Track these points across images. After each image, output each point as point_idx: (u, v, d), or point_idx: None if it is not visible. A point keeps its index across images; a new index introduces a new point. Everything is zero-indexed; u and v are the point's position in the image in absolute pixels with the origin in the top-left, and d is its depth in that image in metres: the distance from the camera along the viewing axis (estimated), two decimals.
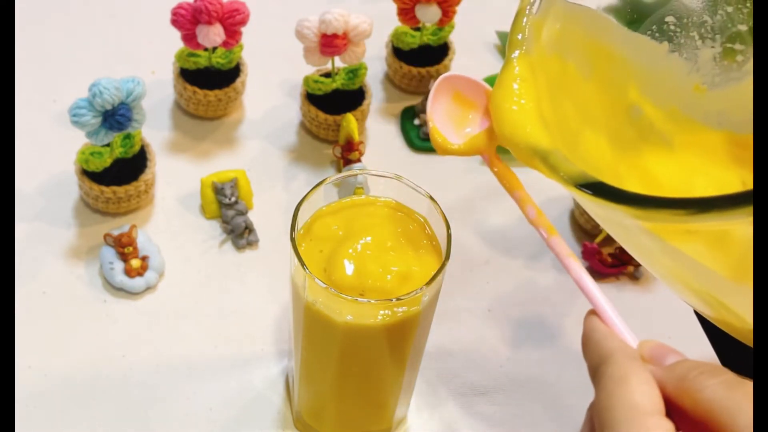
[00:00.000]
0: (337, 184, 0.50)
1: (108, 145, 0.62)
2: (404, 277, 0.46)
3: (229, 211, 0.65)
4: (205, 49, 0.68)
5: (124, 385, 0.58)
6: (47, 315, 0.60)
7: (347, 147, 0.68)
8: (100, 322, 0.60)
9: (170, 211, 0.67)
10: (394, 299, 0.45)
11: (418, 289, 0.45)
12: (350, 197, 0.50)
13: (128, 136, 0.63)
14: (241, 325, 0.61)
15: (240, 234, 0.64)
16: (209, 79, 0.70)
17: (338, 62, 0.68)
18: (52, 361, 0.58)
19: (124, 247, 0.62)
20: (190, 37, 0.66)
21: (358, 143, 0.67)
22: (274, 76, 0.75)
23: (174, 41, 0.68)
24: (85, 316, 0.61)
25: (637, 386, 0.35)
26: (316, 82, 0.69)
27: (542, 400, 0.60)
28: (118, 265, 0.61)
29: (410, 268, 0.47)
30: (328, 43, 0.65)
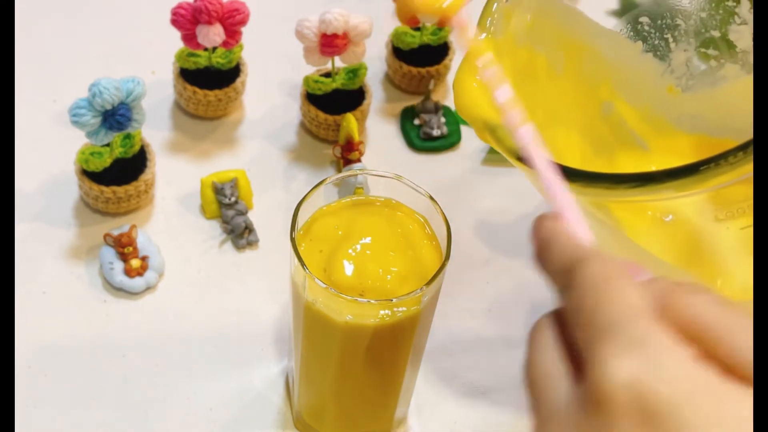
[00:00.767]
0: (337, 184, 0.50)
1: (108, 145, 0.62)
2: (404, 277, 0.46)
3: (229, 211, 0.65)
4: (205, 49, 0.68)
5: (124, 385, 0.58)
6: (47, 315, 0.60)
7: (347, 147, 0.68)
8: (100, 322, 0.60)
9: (170, 211, 0.67)
10: (394, 299, 0.45)
11: (418, 289, 0.45)
12: (350, 197, 0.50)
13: (128, 136, 0.63)
14: (240, 325, 0.61)
15: (240, 234, 0.64)
16: (209, 79, 0.70)
17: (338, 62, 0.68)
18: (52, 361, 0.58)
19: (124, 247, 0.62)
20: (190, 37, 0.66)
21: (358, 143, 0.67)
22: (274, 76, 0.75)
23: (174, 41, 0.68)
24: (85, 317, 0.61)
25: (632, 286, 0.31)
26: (316, 82, 0.69)
27: None
28: (118, 265, 0.61)
29: (410, 268, 0.47)
30: (328, 43, 0.65)
